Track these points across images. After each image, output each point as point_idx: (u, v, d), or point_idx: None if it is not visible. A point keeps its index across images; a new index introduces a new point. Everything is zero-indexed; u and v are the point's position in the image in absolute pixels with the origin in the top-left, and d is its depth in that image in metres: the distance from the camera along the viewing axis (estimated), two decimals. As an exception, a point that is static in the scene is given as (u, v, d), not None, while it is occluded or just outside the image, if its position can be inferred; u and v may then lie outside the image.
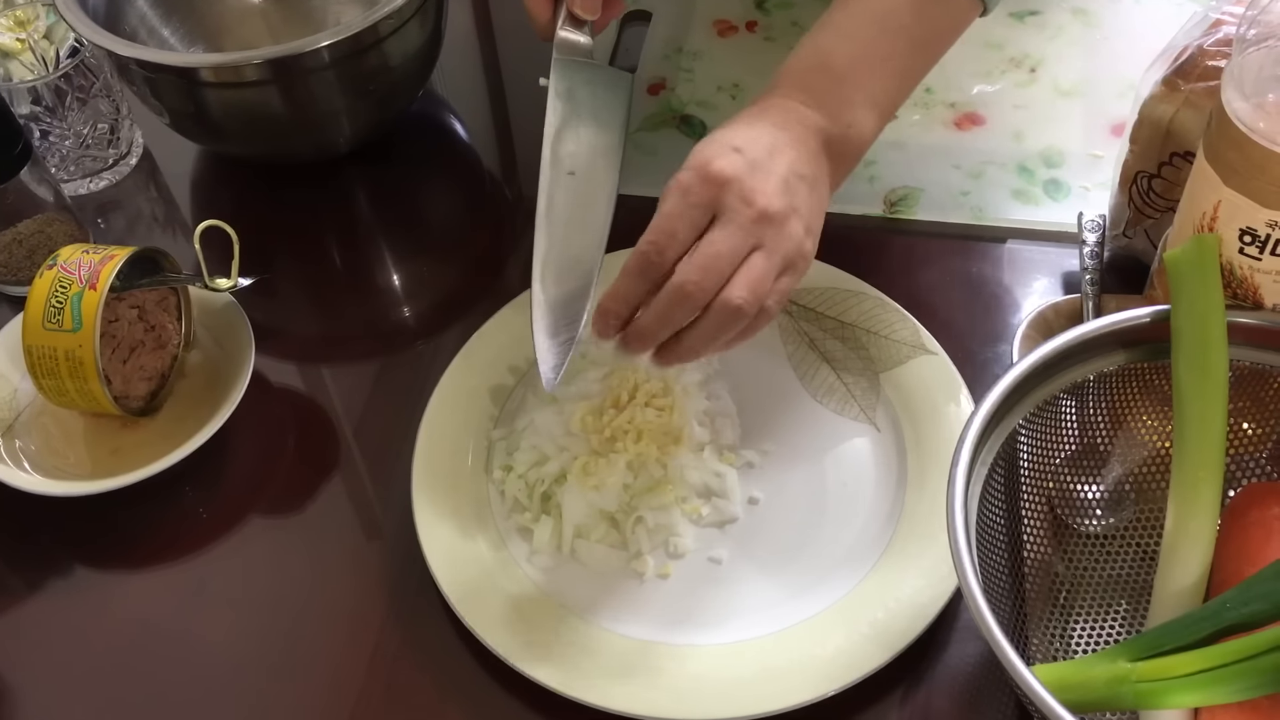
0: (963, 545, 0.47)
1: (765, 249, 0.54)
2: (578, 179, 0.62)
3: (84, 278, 0.63)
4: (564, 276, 0.59)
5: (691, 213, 0.54)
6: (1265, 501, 0.53)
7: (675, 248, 0.54)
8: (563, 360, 0.57)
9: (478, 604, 0.58)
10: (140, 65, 0.73)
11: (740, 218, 0.53)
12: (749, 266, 0.53)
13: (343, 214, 0.83)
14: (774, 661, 0.56)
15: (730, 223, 0.53)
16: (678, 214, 0.54)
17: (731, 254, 0.53)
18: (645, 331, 0.55)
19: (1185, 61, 0.63)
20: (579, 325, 0.58)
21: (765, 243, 0.54)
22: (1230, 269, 0.54)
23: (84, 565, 0.65)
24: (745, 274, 0.53)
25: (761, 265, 0.54)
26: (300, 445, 0.70)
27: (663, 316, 0.54)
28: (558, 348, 0.57)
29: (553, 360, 0.57)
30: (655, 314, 0.54)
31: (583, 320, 0.57)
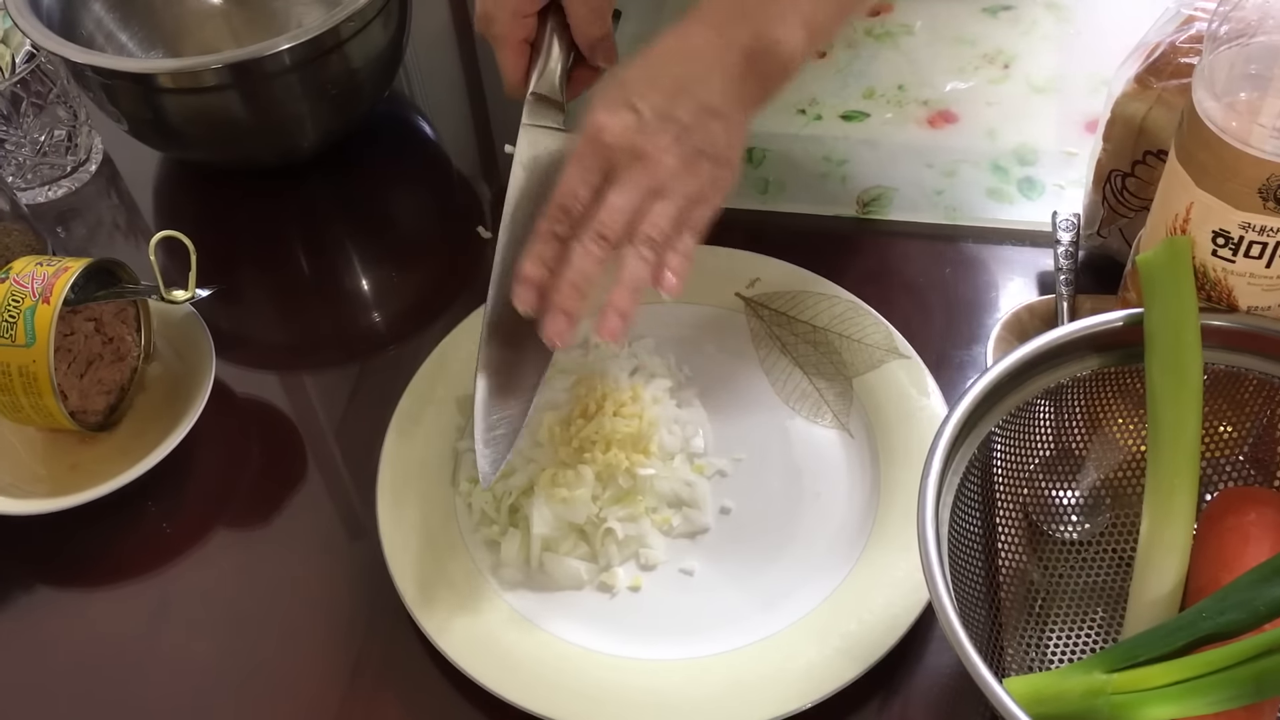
0: (934, 557, 0.47)
1: (665, 197, 0.56)
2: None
3: (37, 291, 0.62)
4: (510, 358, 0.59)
5: (588, 177, 0.56)
6: (1241, 507, 0.52)
7: (576, 205, 0.56)
8: (502, 456, 0.57)
9: (445, 620, 0.57)
10: (96, 72, 0.72)
11: (631, 176, 0.56)
12: (650, 213, 0.56)
13: (308, 219, 0.82)
14: (746, 676, 0.55)
15: (623, 182, 0.56)
16: (577, 180, 0.56)
17: (628, 207, 0.55)
18: (564, 288, 0.55)
19: (1157, 59, 0.62)
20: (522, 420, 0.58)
21: (664, 191, 0.56)
22: (1203, 271, 0.53)
23: (43, 584, 0.64)
24: (646, 219, 0.55)
25: (661, 209, 0.56)
26: (265, 457, 0.69)
27: (578, 265, 0.55)
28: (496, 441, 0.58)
29: (493, 455, 0.57)
30: (572, 262, 0.55)
31: (527, 414, 0.58)
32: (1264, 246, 0.51)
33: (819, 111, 0.82)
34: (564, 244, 0.56)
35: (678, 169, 0.56)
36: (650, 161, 0.56)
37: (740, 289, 0.70)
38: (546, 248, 0.56)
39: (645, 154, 0.56)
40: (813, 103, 0.83)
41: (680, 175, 0.56)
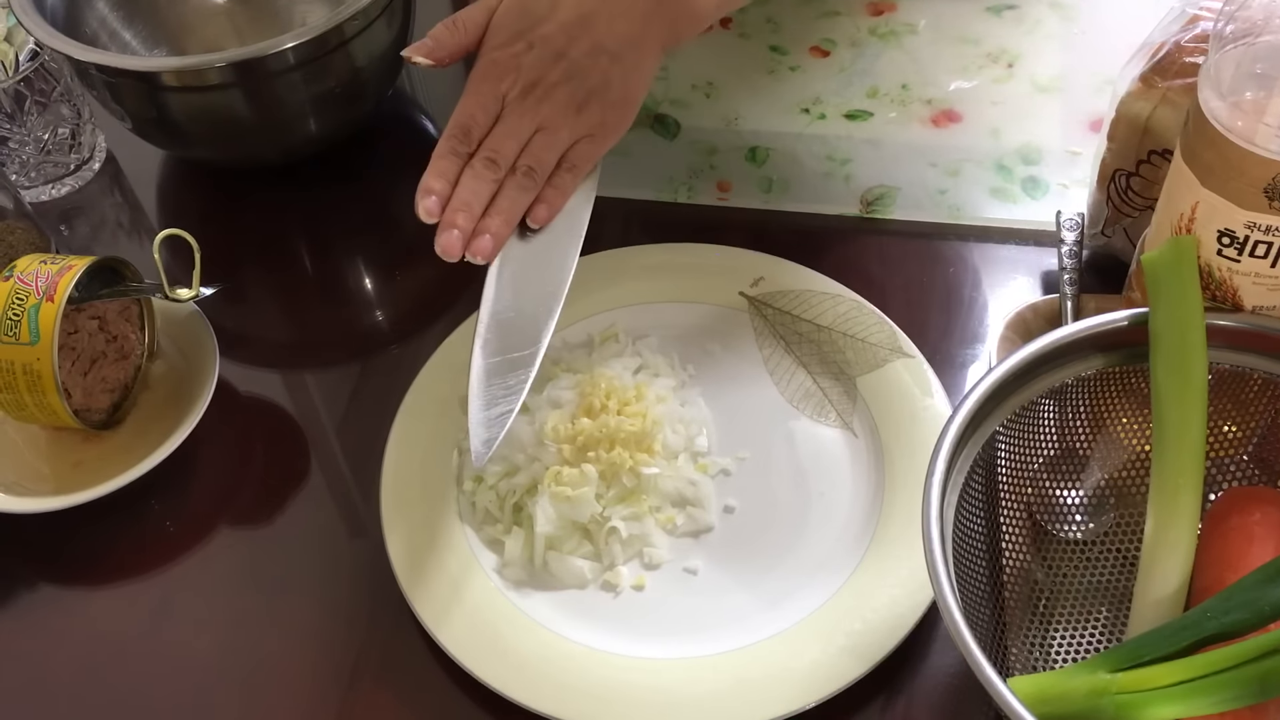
0: (938, 557, 0.47)
1: (549, 128, 0.60)
2: (537, 236, 0.62)
3: (41, 289, 0.62)
4: (509, 343, 0.59)
5: (484, 100, 0.61)
6: (1246, 506, 0.52)
7: (477, 130, 0.60)
8: (497, 435, 0.56)
9: (448, 618, 0.57)
10: (100, 70, 0.72)
11: (520, 106, 0.60)
12: (533, 146, 0.60)
13: (312, 218, 0.82)
14: (750, 675, 0.55)
15: (513, 111, 0.60)
16: (474, 104, 0.61)
17: (518, 133, 0.60)
18: (463, 199, 0.59)
19: (1162, 58, 0.62)
20: (518, 399, 0.57)
21: (549, 123, 0.60)
22: (1209, 271, 0.53)
23: (46, 582, 0.64)
24: (528, 153, 0.60)
25: (542, 140, 0.60)
26: (268, 456, 0.68)
27: (471, 185, 0.59)
28: (492, 421, 0.56)
29: (485, 434, 0.56)
30: (465, 183, 0.59)
31: (523, 392, 0.57)
32: (1269, 246, 0.51)
33: (823, 110, 0.82)
34: (462, 160, 0.60)
35: (563, 107, 0.60)
36: (537, 97, 0.60)
37: (744, 288, 0.70)
38: (446, 163, 0.60)
39: (534, 90, 0.60)
40: (816, 102, 0.83)
41: (565, 113, 0.60)
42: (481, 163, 0.60)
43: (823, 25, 0.88)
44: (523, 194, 0.60)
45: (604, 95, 0.60)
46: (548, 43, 0.60)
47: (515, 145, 0.60)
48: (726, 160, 0.80)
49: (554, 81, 0.60)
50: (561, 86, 0.60)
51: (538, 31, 0.60)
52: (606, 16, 0.60)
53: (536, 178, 0.60)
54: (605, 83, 0.60)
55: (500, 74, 0.60)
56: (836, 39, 0.87)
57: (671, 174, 0.80)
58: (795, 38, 0.88)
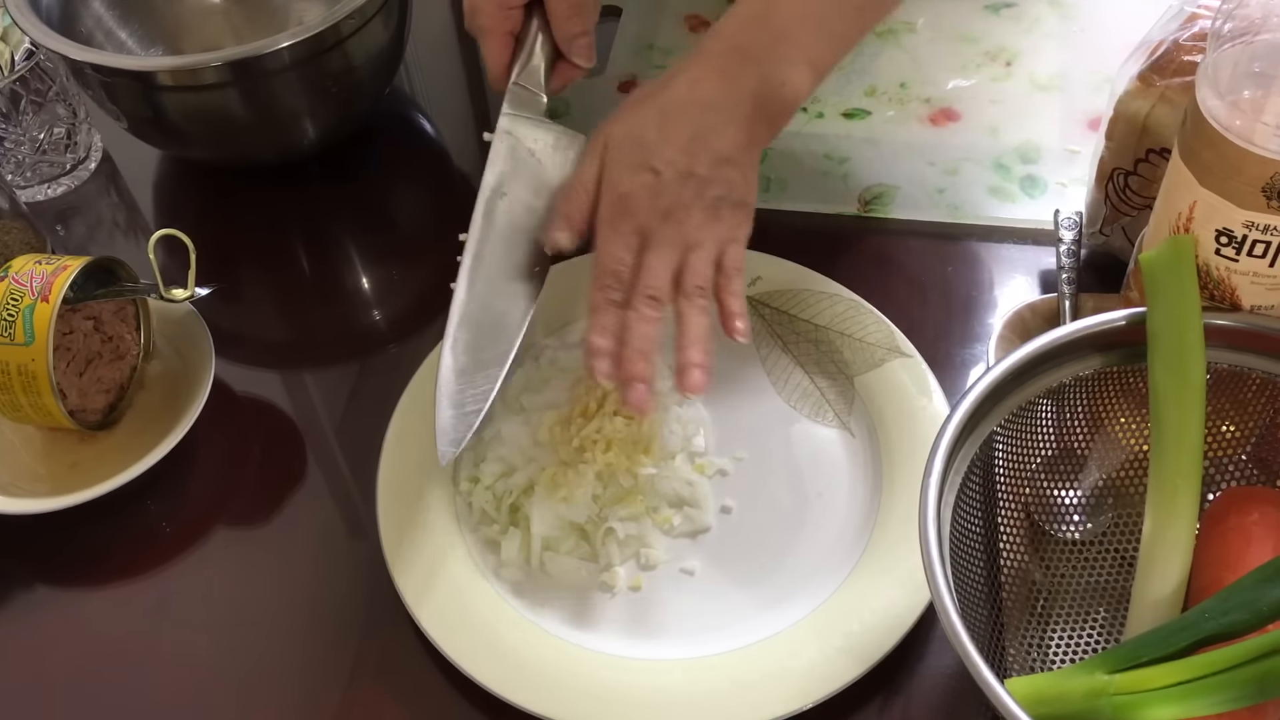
0: (935, 557, 0.46)
1: (699, 247, 0.58)
2: (511, 240, 0.62)
3: (36, 289, 0.62)
4: (480, 343, 0.59)
5: (626, 241, 0.58)
6: (1244, 507, 0.52)
7: (624, 271, 0.58)
8: (464, 435, 0.57)
9: (445, 619, 0.57)
10: (95, 69, 0.72)
11: (664, 237, 0.58)
12: (690, 265, 0.58)
13: (310, 217, 0.82)
14: (747, 675, 0.55)
15: (659, 244, 0.58)
16: (617, 246, 0.58)
17: (670, 264, 0.58)
18: (632, 357, 0.56)
19: (1160, 56, 0.62)
20: (486, 400, 0.57)
21: (697, 244, 0.58)
22: (1207, 270, 0.53)
23: (43, 583, 0.64)
24: (689, 272, 0.58)
25: (699, 258, 0.58)
26: (265, 456, 0.68)
27: (641, 331, 0.57)
28: (460, 420, 0.57)
29: (453, 434, 0.56)
30: (634, 330, 0.57)
31: (491, 395, 0.58)
32: (1267, 245, 0.51)
33: (821, 109, 0.82)
34: (620, 309, 0.58)
35: (704, 221, 0.58)
36: (678, 220, 0.58)
37: (741, 287, 0.70)
38: (607, 316, 0.58)
39: (672, 214, 0.58)
40: (814, 100, 0.83)
41: (707, 225, 0.58)
42: (645, 303, 0.57)
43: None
44: (704, 316, 0.58)
45: (732, 199, 0.59)
46: (672, 165, 0.58)
47: (669, 275, 0.58)
48: (724, 159, 0.80)
49: (688, 201, 0.58)
50: (696, 203, 0.58)
51: (658, 157, 0.58)
52: (718, 129, 0.59)
53: (707, 294, 0.58)
54: (731, 188, 0.59)
55: (634, 208, 0.58)
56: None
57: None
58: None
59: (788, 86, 0.60)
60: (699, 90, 0.60)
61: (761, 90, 0.59)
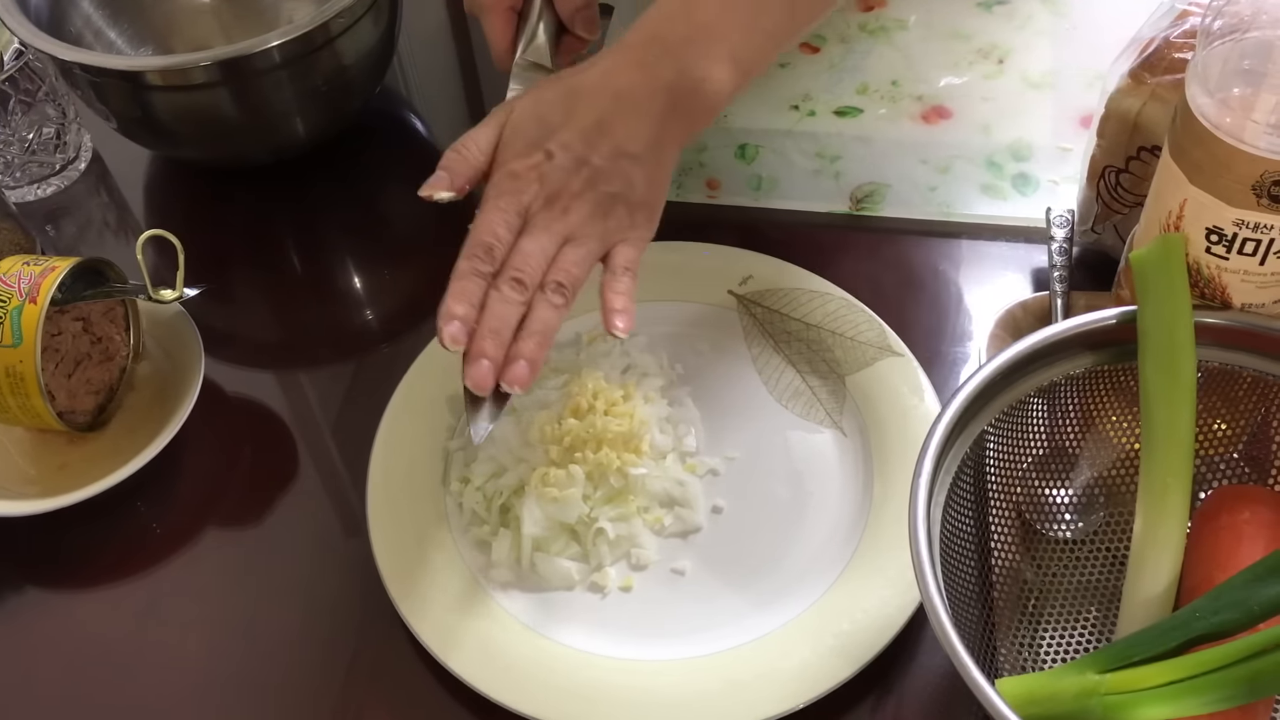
0: (925, 558, 0.46)
1: (577, 239, 0.57)
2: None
3: (24, 290, 0.61)
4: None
5: (505, 216, 0.57)
6: (1235, 505, 0.52)
7: (499, 247, 0.56)
8: (497, 413, 0.56)
9: (435, 621, 0.57)
10: (84, 69, 0.72)
11: (543, 220, 0.57)
12: (561, 258, 0.56)
13: (301, 217, 0.81)
14: (738, 676, 0.55)
15: (536, 226, 0.57)
16: (496, 220, 0.57)
17: (543, 251, 0.56)
18: (485, 333, 0.55)
19: (1152, 54, 0.61)
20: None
21: (576, 234, 0.57)
22: (1197, 268, 0.53)
23: (33, 585, 0.63)
24: (558, 264, 0.56)
25: (573, 254, 0.57)
26: (256, 456, 0.68)
27: (499, 311, 0.55)
28: (493, 398, 0.56)
29: (487, 415, 0.56)
30: (492, 308, 0.55)
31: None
32: (1258, 243, 0.50)
33: (812, 107, 0.82)
34: (484, 282, 0.56)
35: (590, 215, 0.57)
36: (562, 207, 0.57)
37: (733, 286, 0.70)
38: (470, 284, 0.56)
39: (557, 200, 0.57)
40: (806, 98, 0.83)
41: (593, 220, 0.57)
42: (508, 284, 0.56)
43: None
44: (554, 312, 0.56)
45: (629, 198, 0.57)
46: (568, 150, 0.57)
47: (542, 261, 0.56)
48: (715, 158, 0.80)
49: (577, 190, 0.57)
50: (586, 194, 0.57)
51: (556, 140, 0.57)
52: (624, 120, 0.57)
53: (568, 294, 0.56)
54: (629, 185, 0.57)
55: (520, 186, 0.57)
56: (826, 35, 0.87)
57: (661, 172, 0.79)
58: (785, 34, 0.87)
59: (708, 83, 0.57)
60: (612, 79, 0.58)
61: (678, 84, 0.57)
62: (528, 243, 0.56)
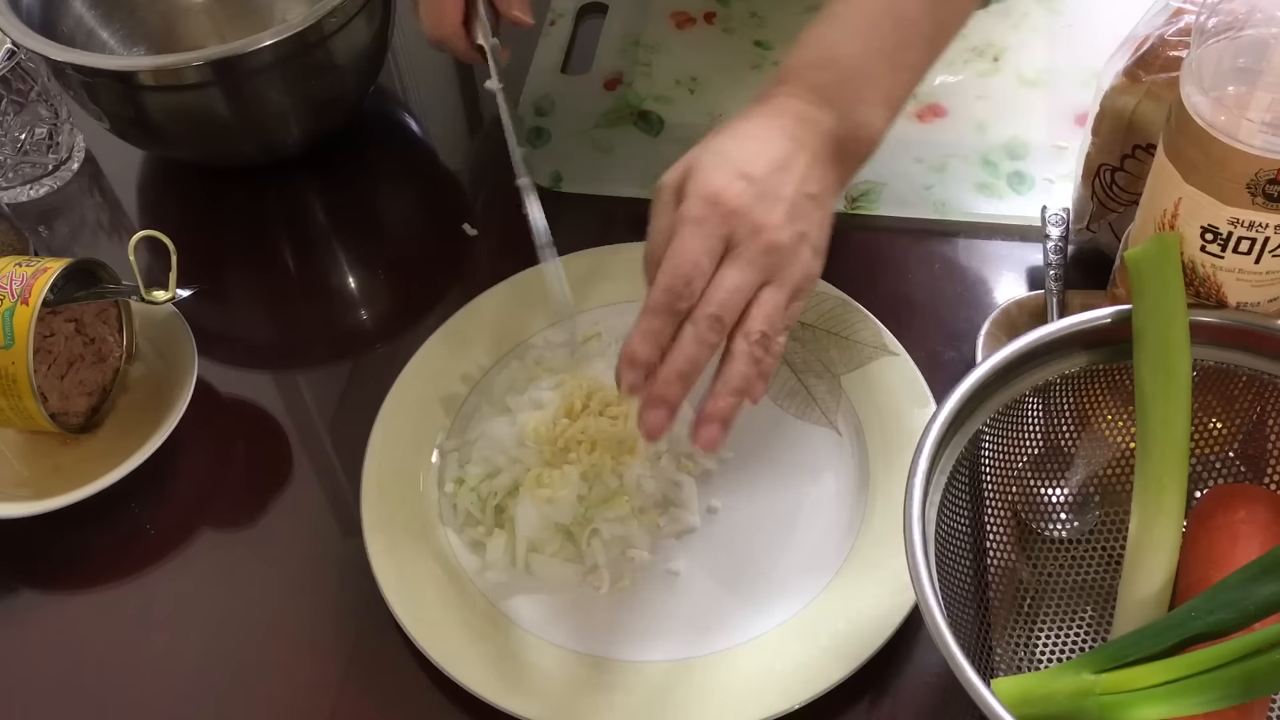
0: (920, 558, 0.46)
1: (775, 282, 0.52)
2: None
3: (16, 292, 0.61)
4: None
5: (710, 243, 0.52)
6: (1231, 504, 0.52)
7: (700, 280, 0.51)
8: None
9: (430, 623, 0.57)
10: (76, 70, 0.71)
11: (750, 252, 0.52)
12: (761, 301, 0.52)
13: (295, 217, 0.81)
14: (733, 677, 0.55)
15: (741, 258, 0.52)
16: (699, 249, 0.51)
17: (747, 288, 0.52)
18: (671, 377, 0.51)
19: (1146, 52, 0.61)
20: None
21: (775, 275, 0.52)
22: (1192, 267, 0.53)
23: (25, 587, 0.63)
24: (759, 309, 0.52)
25: (773, 299, 0.52)
26: (250, 458, 0.68)
27: (692, 353, 0.51)
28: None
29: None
30: (684, 349, 0.51)
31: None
32: (1253, 242, 0.50)
33: (807, 106, 0.82)
34: (679, 319, 0.52)
35: (790, 249, 0.53)
36: (767, 236, 0.52)
37: (728, 286, 0.70)
38: (662, 323, 0.51)
39: (764, 227, 0.52)
40: (801, 97, 0.82)
41: (791, 257, 0.53)
42: (706, 322, 0.50)
43: (807, 19, 0.87)
44: (754, 368, 0.51)
45: (811, 239, 0.54)
46: (766, 179, 0.52)
47: (743, 299, 0.51)
48: (711, 157, 0.79)
49: (779, 221, 0.51)
50: (785, 227, 0.52)
51: (751, 169, 0.52)
52: (802, 163, 0.54)
53: (771, 348, 0.51)
54: (813, 226, 0.54)
55: (726, 209, 0.52)
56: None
57: (655, 171, 0.77)
58: (780, 32, 0.87)
59: (865, 128, 0.56)
60: (777, 123, 0.55)
61: (838, 131, 0.55)
62: (734, 275, 0.51)
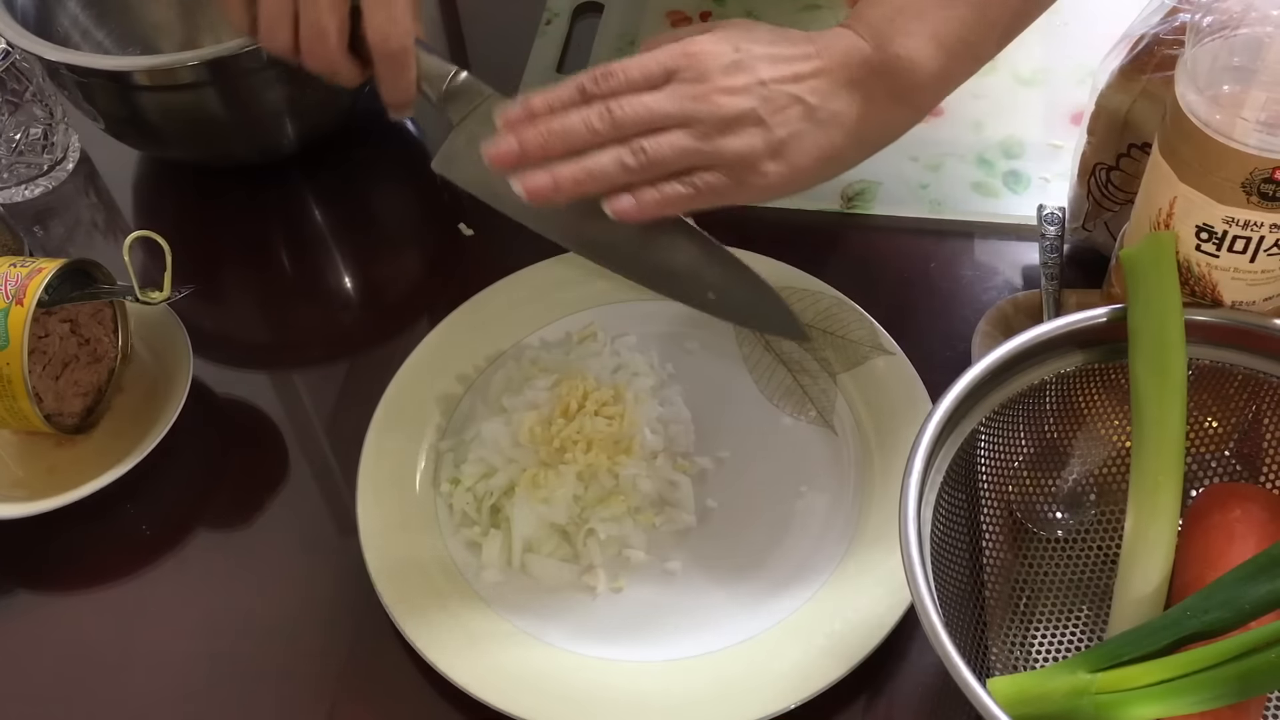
0: (915, 557, 0.46)
1: (693, 130, 0.51)
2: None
3: (10, 293, 0.61)
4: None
5: (648, 66, 0.52)
6: (1226, 504, 0.52)
7: (618, 83, 0.52)
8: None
9: (426, 623, 0.57)
10: (71, 70, 0.71)
11: (681, 90, 0.51)
12: (664, 133, 0.51)
13: (291, 217, 0.81)
14: (729, 676, 0.55)
15: (674, 90, 0.51)
16: (636, 64, 0.52)
17: (655, 113, 0.51)
18: (552, 126, 0.51)
19: (1142, 50, 0.61)
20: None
21: (695, 126, 0.51)
22: (1187, 266, 0.52)
23: (21, 588, 0.63)
24: (651, 137, 0.51)
25: (674, 138, 0.51)
26: (246, 458, 0.68)
27: (571, 122, 0.51)
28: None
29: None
30: (566, 117, 0.51)
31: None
32: (1248, 241, 0.50)
33: (803, 105, 0.82)
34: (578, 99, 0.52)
35: (724, 118, 0.51)
36: (703, 90, 0.51)
37: (724, 285, 0.70)
38: (564, 91, 0.52)
39: (705, 78, 0.51)
40: (797, 96, 0.82)
41: (726, 126, 0.51)
42: (596, 111, 0.51)
43: (803, 19, 0.88)
44: (616, 166, 0.50)
45: (769, 132, 0.52)
46: (752, 59, 0.51)
47: (646, 116, 0.50)
48: (707, 156, 0.79)
49: (729, 86, 0.51)
50: (735, 96, 0.51)
51: (750, 48, 0.52)
52: (814, 67, 0.52)
53: (643, 161, 0.50)
54: (784, 124, 0.52)
55: (693, 55, 0.51)
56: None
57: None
58: (776, 31, 0.87)
59: (905, 60, 0.53)
60: (817, 39, 0.54)
61: (874, 58, 0.53)
62: (651, 95, 0.51)
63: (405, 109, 0.62)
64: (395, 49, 0.59)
